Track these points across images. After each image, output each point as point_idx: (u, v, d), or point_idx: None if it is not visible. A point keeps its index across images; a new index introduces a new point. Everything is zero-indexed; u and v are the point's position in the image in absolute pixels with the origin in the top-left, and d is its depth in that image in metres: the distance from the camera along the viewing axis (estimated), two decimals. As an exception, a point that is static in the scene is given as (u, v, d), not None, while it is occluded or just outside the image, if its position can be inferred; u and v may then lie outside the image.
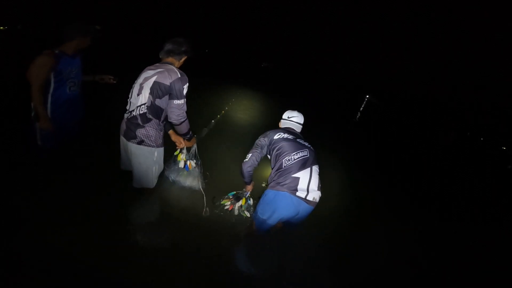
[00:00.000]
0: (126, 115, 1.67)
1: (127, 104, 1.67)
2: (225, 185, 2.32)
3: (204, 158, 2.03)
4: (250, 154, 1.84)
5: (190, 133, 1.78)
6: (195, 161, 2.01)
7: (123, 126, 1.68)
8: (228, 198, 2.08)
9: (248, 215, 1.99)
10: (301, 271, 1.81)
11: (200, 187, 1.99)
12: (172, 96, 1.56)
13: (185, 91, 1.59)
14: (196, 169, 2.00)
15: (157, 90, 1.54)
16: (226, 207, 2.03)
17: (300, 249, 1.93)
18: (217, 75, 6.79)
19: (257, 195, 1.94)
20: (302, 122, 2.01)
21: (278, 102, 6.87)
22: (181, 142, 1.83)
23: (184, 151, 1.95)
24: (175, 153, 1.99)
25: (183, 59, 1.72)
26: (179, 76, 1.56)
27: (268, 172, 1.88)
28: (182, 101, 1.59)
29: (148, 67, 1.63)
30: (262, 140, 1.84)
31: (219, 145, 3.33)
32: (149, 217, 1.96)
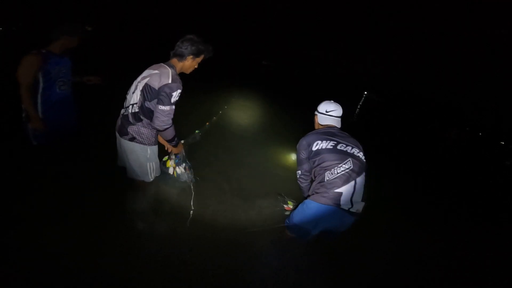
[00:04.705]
0: (122, 111, 1.67)
1: (124, 100, 1.67)
2: (216, 189, 2.33)
3: (197, 161, 1.99)
4: (299, 171, 1.77)
5: (176, 139, 1.70)
6: (184, 165, 1.99)
7: (118, 122, 1.69)
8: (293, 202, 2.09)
9: None
10: (303, 276, 1.78)
11: (191, 185, 2.02)
12: (158, 101, 1.51)
13: (173, 98, 1.51)
14: (185, 174, 2.00)
15: (147, 93, 1.53)
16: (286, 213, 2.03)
17: (303, 253, 1.90)
18: (214, 74, 6.68)
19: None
20: (341, 114, 1.82)
21: (279, 102, 6.85)
22: (168, 146, 1.82)
23: (173, 156, 1.93)
24: (164, 159, 1.97)
25: (188, 61, 1.64)
26: (169, 82, 1.49)
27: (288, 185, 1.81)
28: (167, 108, 1.50)
29: (151, 66, 1.62)
30: (302, 153, 1.72)
31: (213, 148, 3.30)
32: (147, 218, 1.93)
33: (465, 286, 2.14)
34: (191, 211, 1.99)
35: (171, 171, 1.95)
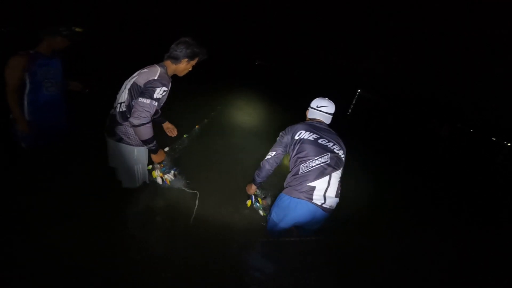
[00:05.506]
0: (111, 111, 1.67)
1: (114, 100, 1.67)
2: (213, 196, 2.32)
3: (191, 162, 1.96)
4: (273, 152, 1.72)
5: (154, 143, 1.58)
6: (172, 172, 1.92)
7: (107, 122, 1.69)
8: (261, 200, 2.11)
9: (262, 214, 2.05)
10: (303, 276, 1.77)
11: (182, 187, 1.99)
12: (140, 94, 1.49)
13: (156, 94, 1.48)
14: (177, 180, 1.95)
15: (134, 91, 1.53)
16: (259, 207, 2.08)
17: (303, 253, 1.90)
18: (209, 74, 6.64)
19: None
20: (333, 111, 1.80)
21: (278, 102, 6.85)
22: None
23: (157, 165, 1.82)
24: (148, 168, 1.88)
25: (183, 63, 1.62)
26: (155, 78, 1.49)
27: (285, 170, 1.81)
28: (147, 101, 1.46)
29: (143, 67, 1.62)
30: (285, 138, 1.71)
31: (209, 149, 3.29)
32: (147, 218, 1.94)
33: (465, 286, 2.14)
34: (195, 209, 1.99)
35: (159, 181, 1.87)
